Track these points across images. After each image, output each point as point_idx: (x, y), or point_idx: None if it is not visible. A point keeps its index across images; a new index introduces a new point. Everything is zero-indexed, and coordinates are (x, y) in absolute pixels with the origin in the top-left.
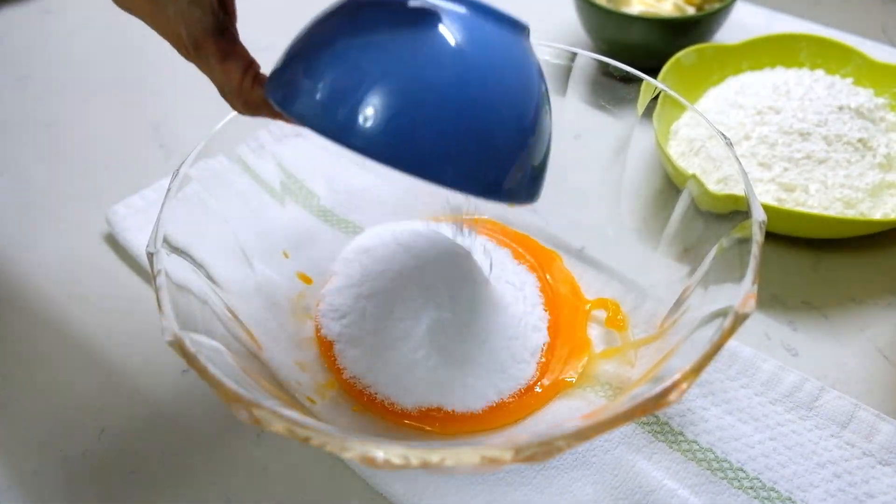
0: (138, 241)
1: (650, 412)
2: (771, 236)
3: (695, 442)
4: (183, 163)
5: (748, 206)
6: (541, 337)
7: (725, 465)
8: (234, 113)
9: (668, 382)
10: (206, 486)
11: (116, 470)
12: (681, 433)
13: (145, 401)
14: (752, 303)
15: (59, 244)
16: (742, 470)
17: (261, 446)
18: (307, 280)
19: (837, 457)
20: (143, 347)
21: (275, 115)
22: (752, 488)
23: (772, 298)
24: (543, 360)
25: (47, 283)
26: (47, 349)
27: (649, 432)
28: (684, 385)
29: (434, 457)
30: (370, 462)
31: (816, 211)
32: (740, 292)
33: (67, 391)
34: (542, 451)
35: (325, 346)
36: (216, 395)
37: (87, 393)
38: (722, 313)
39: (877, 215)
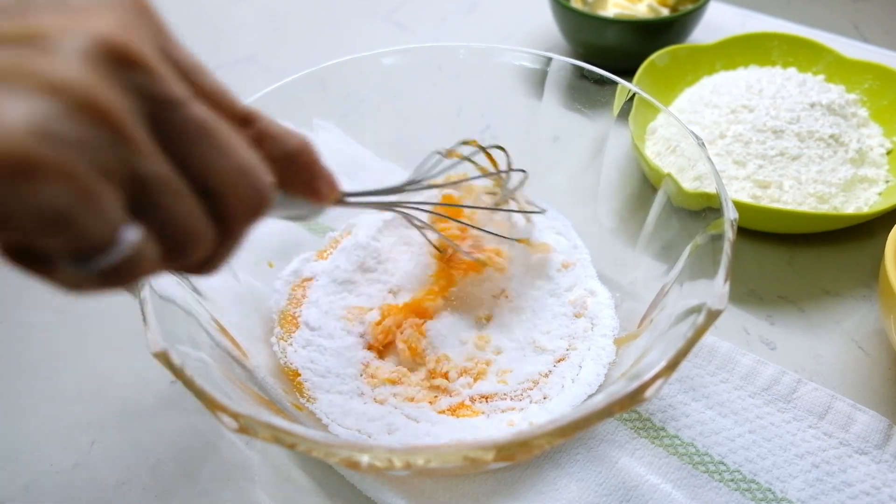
0: None
1: (627, 409)
2: (747, 232)
3: (676, 437)
4: None
5: (720, 204)
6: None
7: (706, 458)
8: None
9: (643, 379)
10: (196, 495)
11: (107, 482)
12: (662, 428)
13: (135, 412)
14: (723, 299)
15: None
16: (723, 463)
17: (250, 455)
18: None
19: (815, 447)
20: (132, 359)
21: None
22: (732, 480)
23: (749, 294)
24: None
25: (35, 297)
26: (36, 363)
27: (632, 428)
28: (660, 381)
29: (418, 459)
30: (355, 466)
31: (790, 207)
32: (713, 289)
33: (57, 404)
34: (523, 450)
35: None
36: (203, 405)
37: (77, 406)
38: (696, 310)
39: (849, 209)
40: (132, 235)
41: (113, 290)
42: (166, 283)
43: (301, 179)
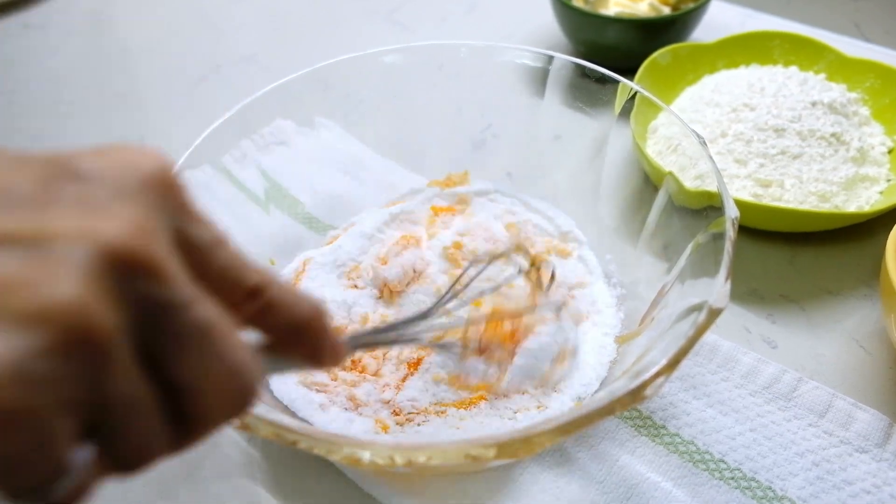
0: None
1: (628, 407)
2: (748, 231)
3: (677, 435)
4: None
5: (721, 203)
6: None
7: (707, 456)
8: (218, 123)
9: (644, 377)
10: (197, 492)
11: (109, 480)
12: (663, 427)
13: None
14: (725, 297)
15: None
16: (723, 461)
17: (251, 451)
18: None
19: (816, 446)
20: None
21: None
22: (733, 479)
23: (751, 292)
24: None
25: None
26: None
27: (633, 426)
28: (661, 379)
29: (419, 456)
30: (356, 463)
31: (792, 205)
32: (714, 288)
33: None
34: (524, 447)
35: None
36: None
37: None
38: (697, 308)
39: (851, 208)
40: (81, 460)
41: None
42: None
43: (305, 348)
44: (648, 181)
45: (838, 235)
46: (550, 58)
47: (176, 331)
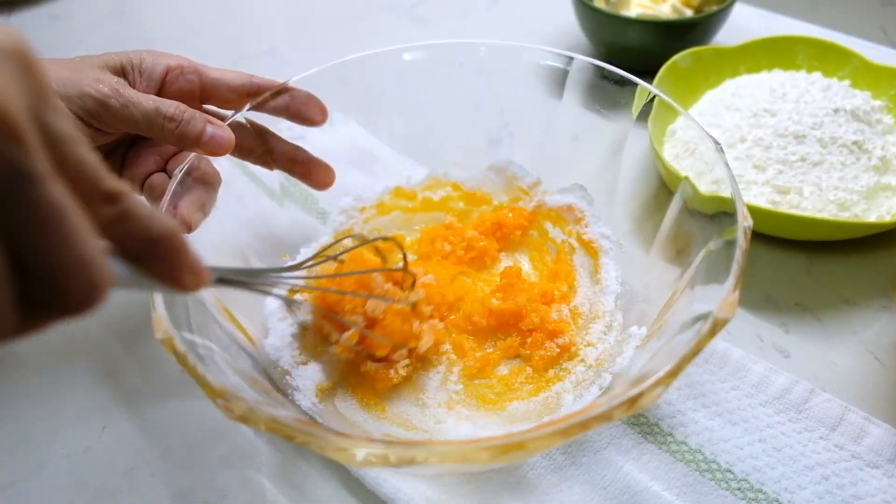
0: None
1: (626, 414)
2: (764, 238)
3: (684, 443)
4: (183, 165)
5: (734, 210)
6: None
7: (714, 466)
8: (236, 116)
9: (643, 386)
10: (203, 481)
11: (117, 466)
12: (670, 434)
13: (146, 399)
14: (731, 308)
15: None
16: (730, 471)
17: (257, 443)
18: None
19: (826, 459)
20: (144, 346)
21: None
22: (739, 489)
23: (765, 300)
24: None
25: None
26: (48, 348)
27: (639, 433)
28: (660, 389)
29: (415, 456)
30: (350, 460)
31: (810, 213)
32: (721, 297)
33: (69, 389)
34: (519, 451)
35: None
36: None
37: (89, 391)
38: (703, 317)
39: (871, 218)
40: None
41: None
42: None
43: (162, 266)
44: (664, 185)
45: (857, 245)
46: (570, 59)
47: (27, 205)
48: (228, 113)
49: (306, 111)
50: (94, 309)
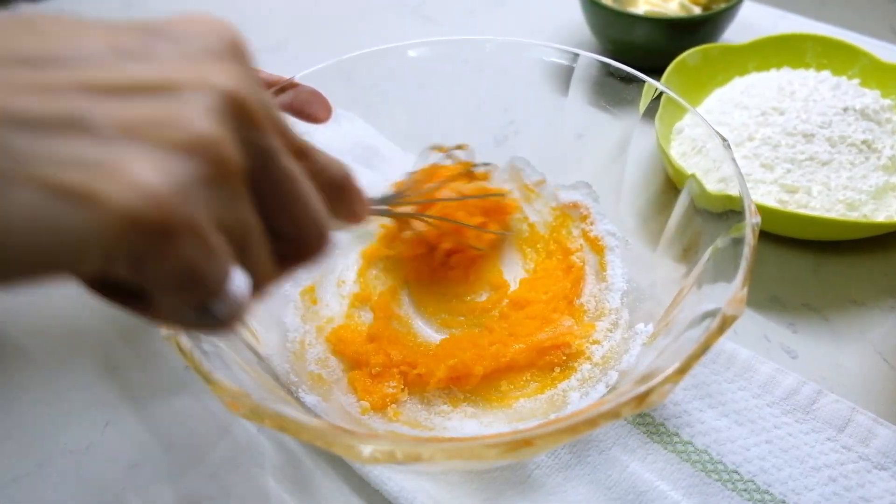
0: None
1: (633, 412)
2: (772, 237)
3: (690, 443)
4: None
5: (742, 208)
6: None
7: (720, 466)
8: None
9: (652, 383)
10: (206, 478)
11: (120, 462)
12: (676, 434)
13: (149, 395)
14: (739, 305)
15: None
16: (737, 472)
17: (261, 440)
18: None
19: (833, 461)
20: (148, 342)
21: None
22: (745, 490)
23: (772, 300)
24: None
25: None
26: (51, 344)
27: (645, 433)
28: (668, 386)
29: (421, 452)
30: (356, 457)
31: (818, 213)
32: (729, 294)
33: (72, 385)
34: (526, 449)
35: None
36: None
37: (92, 387)
38: (711, 314)
39: (880, 218)
40: (241, 281)
41: (220, 332)
42: None
43: (345, 206)
44: (671, 183)
45: (866, 245)
46: (575, 55)
47: (272, 177)
48: None
49: (311, 108)
50: (327, 255)
